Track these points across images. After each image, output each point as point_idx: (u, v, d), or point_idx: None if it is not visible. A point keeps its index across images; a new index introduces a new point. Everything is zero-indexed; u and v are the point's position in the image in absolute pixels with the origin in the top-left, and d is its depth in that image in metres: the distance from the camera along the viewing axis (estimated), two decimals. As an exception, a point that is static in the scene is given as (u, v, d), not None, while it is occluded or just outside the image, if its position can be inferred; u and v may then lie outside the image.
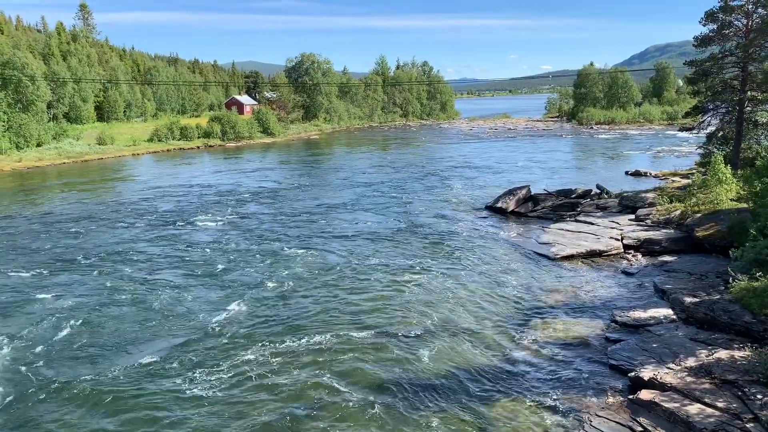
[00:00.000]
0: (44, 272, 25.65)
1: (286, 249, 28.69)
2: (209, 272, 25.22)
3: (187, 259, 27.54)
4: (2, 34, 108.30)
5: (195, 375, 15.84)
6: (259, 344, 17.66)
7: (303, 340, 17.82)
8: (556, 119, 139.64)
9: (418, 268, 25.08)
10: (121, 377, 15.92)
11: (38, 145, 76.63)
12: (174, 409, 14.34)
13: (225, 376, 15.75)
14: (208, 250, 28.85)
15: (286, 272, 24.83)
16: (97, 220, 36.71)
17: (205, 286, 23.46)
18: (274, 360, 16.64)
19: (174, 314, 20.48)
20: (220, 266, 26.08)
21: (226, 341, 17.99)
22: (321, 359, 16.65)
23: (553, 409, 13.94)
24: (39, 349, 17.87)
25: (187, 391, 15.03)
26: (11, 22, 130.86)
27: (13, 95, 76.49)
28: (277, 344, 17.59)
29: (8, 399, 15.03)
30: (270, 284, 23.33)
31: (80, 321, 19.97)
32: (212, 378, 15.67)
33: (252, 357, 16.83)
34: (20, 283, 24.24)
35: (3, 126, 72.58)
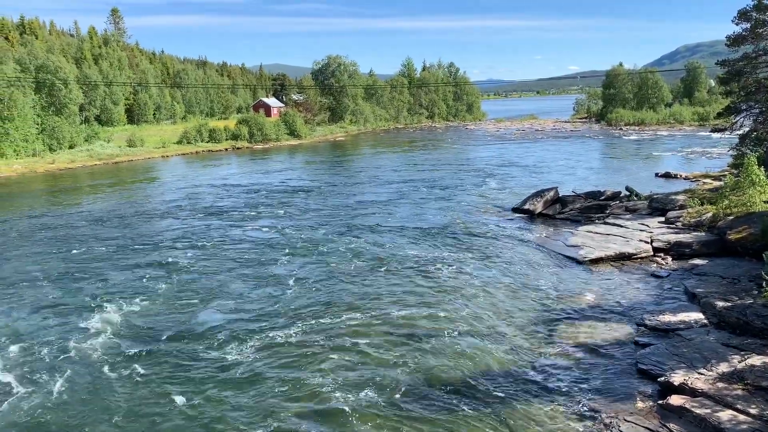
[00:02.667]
0: (115, 255, 28.45)
1: (317, 242, 30.20)
2: (258, 262, 27.20)
3: (233, 249, 29.71)
4: (37, 39, 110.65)
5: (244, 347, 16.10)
6: (293, 324, 18.22)
7: (326, 331, 17.97)
8: (584, 120, 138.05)
9: (444, 268, 25.01)
10: (189, 349, 17.91)
11: (70, 147, 78.29)
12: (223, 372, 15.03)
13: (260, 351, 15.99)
14: (250, 242, 30.96)
15: (316, 265, 26.16)
16: (140, 215, 39.11)
17: (255, 274, 25.33)
18: (307, 341, 17.21)
19: (229, 295, 22.66)
20: (263, 256, 28.09)
21: (267, 320, 19.24)
22: (348, 347, 17.52)
23: (581, 414, 13.78)
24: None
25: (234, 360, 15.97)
26: (45, 27, 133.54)
27: (47, 98, 78.28)
28: (310, 330, 17.78)
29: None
30: (304, 273, 24.87)
31: (148, 299, 22.42)
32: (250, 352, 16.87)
33: (284, 334, 17.92)
34: (89, 268, 26.74)
35: (37, 128, 74.22)
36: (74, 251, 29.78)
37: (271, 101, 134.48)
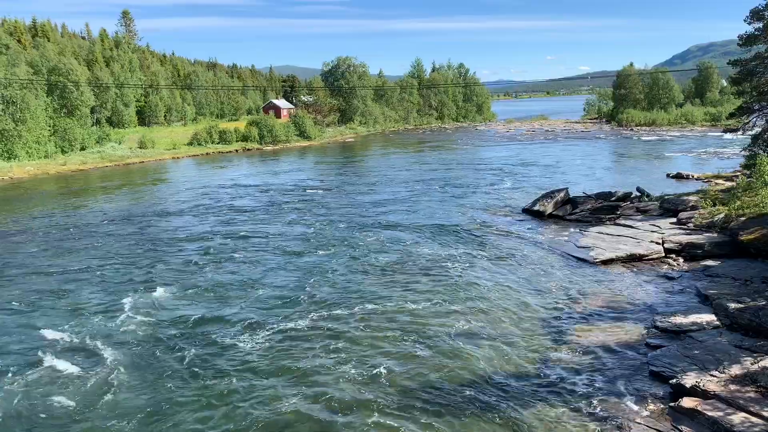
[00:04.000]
0: (139, 254, 29.52)
1: (333, 240, 31.45)
2: (278, 255, 28.78)
3: (255, 245, 31.03)
4: (49, 41, 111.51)
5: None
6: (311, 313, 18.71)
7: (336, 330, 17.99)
8: (595, 121, 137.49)
9: (455, 268, 25.03)
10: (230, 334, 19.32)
11: (82, 148, 78.79)
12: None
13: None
14: (270, 238, 32.41)
15: (333, 260, 27.10)
16: (158, 214, 40.54)
17: (277, 267, 26.81)
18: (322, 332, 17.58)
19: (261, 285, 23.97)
20: (283, 251, 29.52)
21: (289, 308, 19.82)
22: (360, 341, 17.97)
23: (592, 415, 13.73)
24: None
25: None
26: (57, 29, 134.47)
27: (59, 100, 78.87)
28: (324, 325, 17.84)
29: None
30: (321, 267, 25.89)
31: (184, 289, 24.11)
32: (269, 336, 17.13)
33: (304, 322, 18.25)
34: (118, 263, 28.10)
35: (49, 130, 74.79)
36: (103, 247, 31.30)
37: (281, 103, 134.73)
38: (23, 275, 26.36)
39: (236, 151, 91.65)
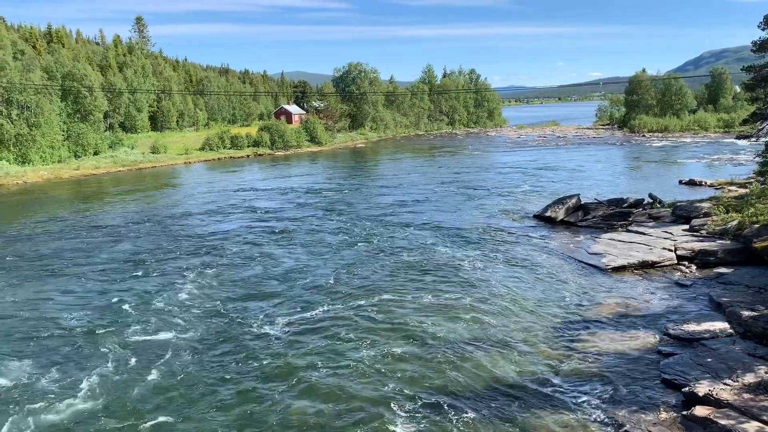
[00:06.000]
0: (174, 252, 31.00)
1: (349, 241, 32.65)
2: (297, 253, 30.43)
3: (273, 244, 32.50)
4: (63, 47, 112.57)
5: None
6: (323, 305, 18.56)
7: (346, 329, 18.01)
8: (606, 127, 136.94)
9: (465, 274, 24.98)
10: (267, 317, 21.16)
11: (95, 153, 79.43)
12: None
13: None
14: (289, 236, 34.42)
15: (349, 262, 27.65)
16: (175, 216, 41.65)
17: (296, 264, 27.76)
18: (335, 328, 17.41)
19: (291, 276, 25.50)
20: (301, 248, 31.34)
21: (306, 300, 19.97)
22: (371, 344, 17.82)
23: (603, 423, 13.63)
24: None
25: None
26: (72, 35, 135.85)
27: (73, 105, 79.62)
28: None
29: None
30: (334, 268, 25.73)
31: (225, 281, 25.98)
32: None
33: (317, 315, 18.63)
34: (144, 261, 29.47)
35: (63, 135, 75.47)
36: (130, 246, 32.78)
37: (293, 108, 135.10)
38: (64, 272, 27.48)
39: (248, 156, 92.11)
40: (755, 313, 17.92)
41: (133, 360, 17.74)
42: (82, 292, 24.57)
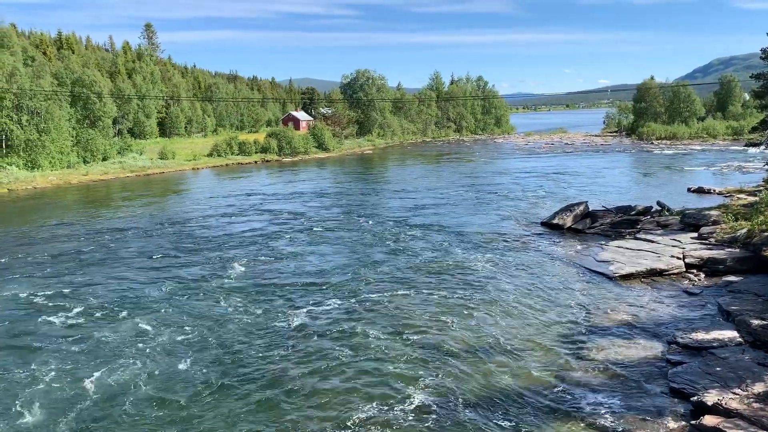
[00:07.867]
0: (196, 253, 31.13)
1: (355, 242, 33.05)
2: (312, 254, 30.90)
3: (287, 247, 33.05)
4: (73, 53, 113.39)
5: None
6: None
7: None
8: (614, 134, 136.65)
9: (472, 281, 24.92)
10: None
11: (104, 159, 79.73)
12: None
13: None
14: (302, 237, 35.46)
15: (360, 265, 27.02)
16: (187, 221, 41.84)
17: (313, 264, 26.45)
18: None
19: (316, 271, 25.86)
20: (314, 249, 32.25)
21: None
22: (377, 353, 17.68)
23: (611, 432, 13.53)
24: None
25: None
26: (81, 42, 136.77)
27: (82, 111, 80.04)
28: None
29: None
30: (344, 269, 25.51)
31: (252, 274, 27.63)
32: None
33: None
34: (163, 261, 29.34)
35: (72, 141, 75.90)
36: (147, 247, 33.32)
37: (300, 115, 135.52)
38: (85, 273, 27.61)
39: (255, 162, 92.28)
40: (764, 322, 17.78)
41: (135, 361, 17.75)
42: (95, 292, 24.67)
